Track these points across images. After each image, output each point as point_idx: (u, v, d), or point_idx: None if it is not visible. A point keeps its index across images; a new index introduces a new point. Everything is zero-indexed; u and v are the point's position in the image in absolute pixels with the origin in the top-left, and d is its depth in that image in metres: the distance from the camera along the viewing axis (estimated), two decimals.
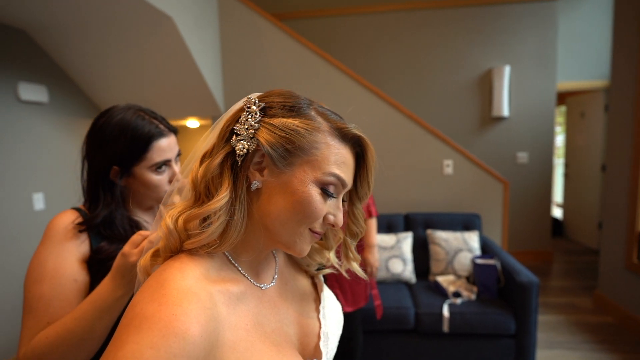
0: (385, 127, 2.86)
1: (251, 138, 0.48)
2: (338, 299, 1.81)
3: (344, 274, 0.62)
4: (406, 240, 2.53)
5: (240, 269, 0.52)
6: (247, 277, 0.53)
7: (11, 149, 2.18)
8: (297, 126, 0.48)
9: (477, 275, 2.25)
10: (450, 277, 2.40)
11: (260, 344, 0.48)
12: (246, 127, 0.49)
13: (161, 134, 0.81)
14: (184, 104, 2.99)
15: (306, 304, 0.62)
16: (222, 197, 0.47)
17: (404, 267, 2.46)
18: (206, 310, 0.42)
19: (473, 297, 2.19)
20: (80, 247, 0.75)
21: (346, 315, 1.84)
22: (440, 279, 2.35)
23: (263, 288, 0.55)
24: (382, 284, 2.44)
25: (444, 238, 2.50)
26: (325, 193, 0.49)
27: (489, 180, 2.79)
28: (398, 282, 2.47)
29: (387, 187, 2.89)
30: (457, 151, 2.79)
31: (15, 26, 2.24)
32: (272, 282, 0.57)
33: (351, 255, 0.60)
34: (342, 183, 0.50)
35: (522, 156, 3.72)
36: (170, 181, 0.84)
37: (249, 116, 0.49)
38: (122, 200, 0.82)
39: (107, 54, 2.49)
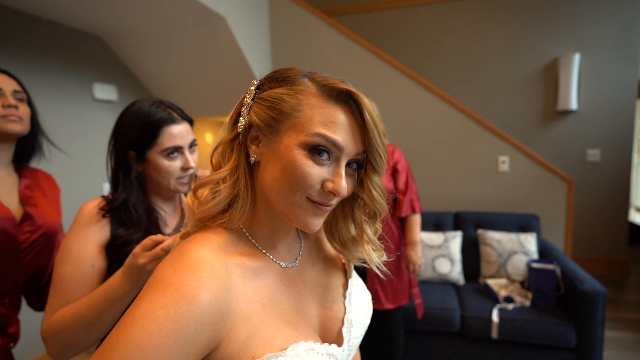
0: (436, 122, 2.75)
1: (247, 115, 0.51)
2: (378, 295, 1.78)
3: (380, 271, 0.59)
4: (455, 240, 2.41)
5: (257, 245, 0.53)
6: (266, 254, 0.53)
7: (87, 141, 2.45)
8: (281, 93, 0.48)
9: (533, 280, 2.08)
10: (503, 281, 2.24)
11: (275, 319, 0.48)
12: (245, 106, 0.52)
13: (172, 121, 0.85)
14: (236, 101, 3.13)
15: (332, 289, 0.60)
16: (226, 168, 0.51)
17: (451, 268, 2.35)
18: (219, 280, 0.43)
19: (527, 303, 2.03)
20: (101, 232, 0.80)
21: (386, 313, 1.81)
22: (491, 282, 2.21)
23: (283, 266, 0.55)
24: (427, 283, 2.36)
25: (497, 239, 2.34)
26: (315, 156, 0.46)
27: (550, 178, 2.56)
28: (445, 283, 2.37)
29: (436, 184, 2.78)
30: (514, 147, 2.60)
31: (91, 33, 2.50)
32: (294, 262, 0.57)
33: (366, 238, 0.57)
34: (334, 144, 0.46)
35: (593, 154, 3.35)
36: (182, 169, 0.86)
37: (248, 97, 0.52)
38: (139, 185, 0.86)
39: (167, 55, 2.69)
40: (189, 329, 0.39)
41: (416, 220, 1.84)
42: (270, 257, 0.54)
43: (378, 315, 1.83)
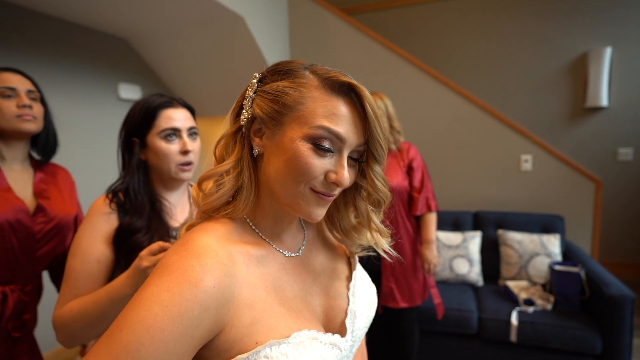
0: (456, 119, 2.70)
1: (250, 108, 0.52)
2: (393, 293, 1.77)
3: (388, 253, 0.59)
4: (474, 240, 2.36)
5: (260, 234, 0.54)
6: (269, 243, 0.54)
7: (111, 139, 2.55)
8: (283, 86, 0.49)
9: (555, 283, 2.00)
10: (523, 283, 2.17)
11: (279, 306, 0.49)
12: (247, 99, 0.52)
13: (170, 104, 0.88)
14: None
15: (336, 280, 0.61)
16: (230, 161, 0.52)
17: (470, 268, 2.30)
18: (222, 266, 0.45)
19: (549, 307, 1.96)
20: (108, 224, 0.83)
21: (401, 312, 1.79)
22: (511, 284, 2.15)
23: (287, 255, 0.55)
24: (444, 283, 2.32)
25: (518, 240, 2.27)
26: (318, 148, 0.47)
27: (576, 178, 2.46)
28: (463, 284, 2.32)
29: (455, 183, 2.72)
30: (537, 145, 2.51)
31: (117, 35, 2.60)
32: (298, 252, 0.58)
33: (374, 225, 0.57)
34: (337, 136, 0.47)
35: (625, 152, 3.18)
36: (181, 152, 0.88)
37: (250, 89, 0.53)
38: (143, 174, 0.90)
39: (188, 56, 2.76)
40: (193, 312, 0.40)
41: (432, 218, 1.81)
42: (274, 246, 0.55)
43: (392, 314, 1.82)
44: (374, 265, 1.80)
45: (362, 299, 0.60)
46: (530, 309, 1.94)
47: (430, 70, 2.72)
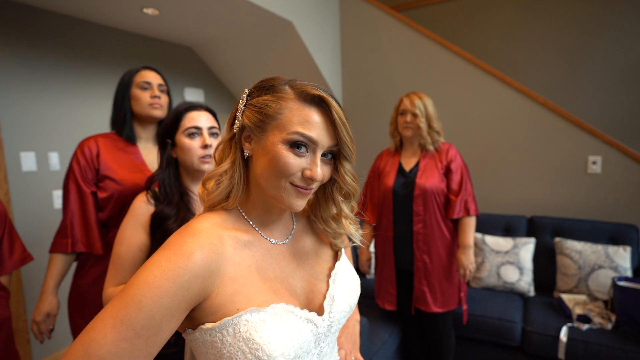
0: (513, 117, 2.51)
1: (241, 118, 0.62)
2: (425, 296, 1.75)
3: (363, 240, 0.69)
4: (526, 247, 2.20)
5: (251, 223, 0.64)
6: (258, 231, 0.64)
7: None
8: (266, 100, 0.59)
9: (619, 301, 1.79)
10: (581, 297, 1.97)
11: (259, 283, 0.59)
12: (239, 112, 0.62)
13: (193, 108, 1.03)
14: None
15: (319, 268, 0.69)
16: (226, 163, 0.62)
17: (519, 277, 2.16)
18: (212, 245, 0.55)
19: (609, 326, 1.76)
20: (146, 215, 0.97)
21: (435, 316, 1.77)
22: (566, 298, 1.97)
23: (273, 242, 0.65)
24: (490, 290, 2.20)
25: (578, 250, 2.06)
26: (295, 149, 0.56)
27: None
28: (511, 292, 2.18)
29: (509, 185, 2.54)
30: (609, 145, 2.23)
31: (184, 44, 2.90)
32: (285, 241, 0.67)
33: (344, 214, 0.67)
34: (310, 139, 0.56)
35: None
36: (201, 147, 1.02)
37: (241, 103, 0.63)
38: (174, 169, 1.04)
39: (244, 61, 2.97)
40: (184, 277, 0.51)
41: (470, 222, 1.74)
42: (262, 234, 0.64)
43: (426, 318, 1.80)
44: (408, 267, 1.79)
45: (342, 286, 0.68)
46: (585, 327, 1.76)
47: (485, 66, 2.56)
